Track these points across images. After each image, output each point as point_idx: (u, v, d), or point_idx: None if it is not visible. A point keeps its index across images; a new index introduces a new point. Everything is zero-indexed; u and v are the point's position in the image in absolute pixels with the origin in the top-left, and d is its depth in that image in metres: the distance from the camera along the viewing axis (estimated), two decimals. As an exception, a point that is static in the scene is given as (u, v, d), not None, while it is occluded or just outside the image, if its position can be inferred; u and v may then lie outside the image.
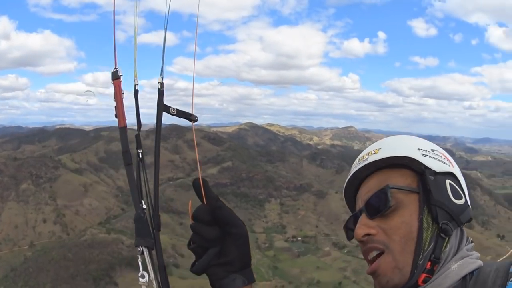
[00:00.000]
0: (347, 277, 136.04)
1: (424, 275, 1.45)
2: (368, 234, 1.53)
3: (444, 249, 1.47)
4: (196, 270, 1.58)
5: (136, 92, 1.68)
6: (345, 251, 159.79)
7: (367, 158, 1.64)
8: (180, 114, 1.69)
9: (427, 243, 1.47)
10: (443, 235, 1.47)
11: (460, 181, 1.58)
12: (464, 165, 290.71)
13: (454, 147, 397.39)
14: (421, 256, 1.46)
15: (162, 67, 1.71)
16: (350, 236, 1.65)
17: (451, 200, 1.50)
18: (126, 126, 1.66)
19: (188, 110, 1.64)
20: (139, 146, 1.66)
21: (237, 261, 1.57)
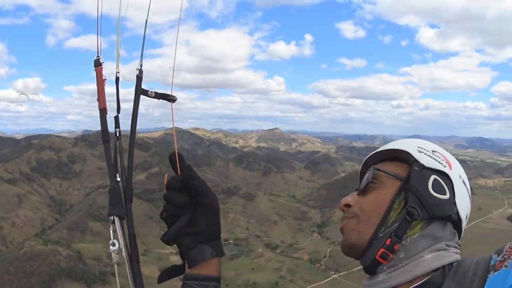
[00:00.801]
0: (282, 276, 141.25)
1: (382, 249, 1.55)
2: (348, 205, 1.70)
3: (411, 234, 1.56)
4: (167, 238, 1.61)
5: (117, 80, 1.75)
6: (278, 251, 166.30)
7: (376, 150, 1.85)
8: (159, 96, 1.76)
9: (391, 221, 1.58)
10: (408, 218, 1.56)
11: (455, 183, 1.64)
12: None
13: (382, 145, 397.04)
14: (382, 230, 1.58)
15: (142, 53, 1.80)
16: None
17: (428, 191, 1.58)
18: (105, 108, 1.74)
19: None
20: (117, 126, 1.73)
21: (206, 231, 1.61)
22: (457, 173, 1.69)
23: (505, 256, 1.36)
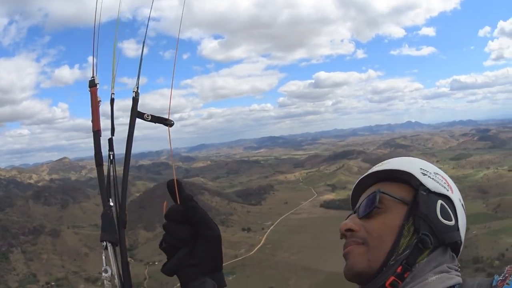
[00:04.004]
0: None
1: (392, 277, 1.52)
2: (351, 230, 1.65)
3: (420, 260, 1.54)
4: (167, 270, 1.58)
5: (112, 100, 1.73)
6: (99, 283, 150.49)
7: (373, 169, 1.79)
8: (155, 119, 1.73)
9: (402, 248, 1.56)
10: (420, 245, 1.54)
11: (457, 207, 1.66)
12: (184, 174, 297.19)
13: (169, 159, 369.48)
14: (393, 258, 1.55)
15: (138, 76, 1.79)
16: (341, 236, 1.72)
17: (437, 217, 1.58)
18: (99, 130, 1.73)
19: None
20: (111, 149, 1.70)
21: (208, 263, 1.58)
22: (457, 197, 1.70)
23: (506, 275, 1.41)
